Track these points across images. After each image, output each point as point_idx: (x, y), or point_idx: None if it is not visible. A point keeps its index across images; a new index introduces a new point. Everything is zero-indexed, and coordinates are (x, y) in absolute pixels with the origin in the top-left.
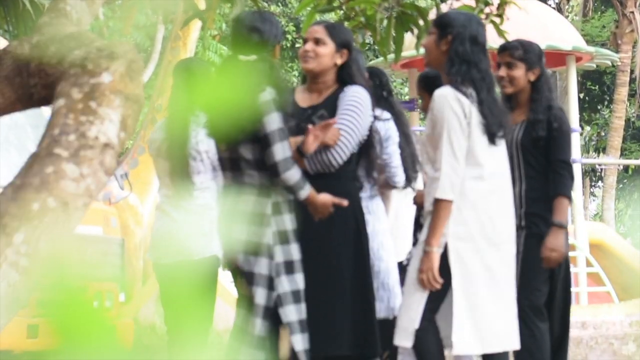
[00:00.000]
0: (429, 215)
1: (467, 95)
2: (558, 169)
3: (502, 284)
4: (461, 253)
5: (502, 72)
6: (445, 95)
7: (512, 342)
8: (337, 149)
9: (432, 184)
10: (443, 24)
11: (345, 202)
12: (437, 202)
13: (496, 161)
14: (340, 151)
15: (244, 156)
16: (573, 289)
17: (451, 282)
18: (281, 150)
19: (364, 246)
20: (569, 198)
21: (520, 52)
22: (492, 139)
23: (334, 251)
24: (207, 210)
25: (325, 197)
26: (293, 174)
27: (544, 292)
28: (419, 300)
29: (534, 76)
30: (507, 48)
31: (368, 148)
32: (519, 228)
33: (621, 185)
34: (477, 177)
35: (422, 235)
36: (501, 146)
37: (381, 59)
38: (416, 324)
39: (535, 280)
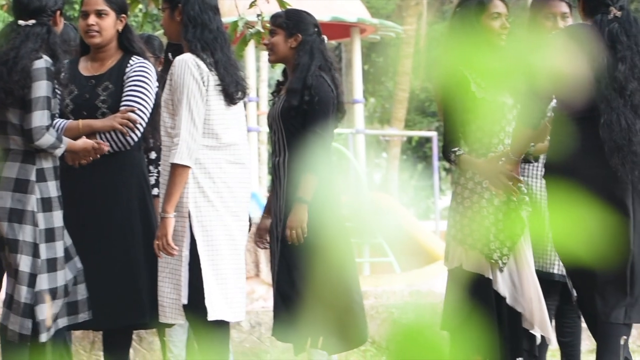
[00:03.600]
0: (163, 185)
1: (206, 62)
2: (309, 142)
3: (241, 255)
4: (203, 221)
5: (266, 40)
6: (185, 60)
7: (243, 313)
8: (133, 130)
9: (166, 151)
10: None
11: (106, 147)
12: (174, 167)
13: (234, 130)
14: (137, 131)
15: (11, 120)
16: (356, 260)
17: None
18: (39, 119)
19: (149, 214)
20: (316, 174)
21: (281, 19)
22: (231, 100)
23: (117, 219)
24: None
25: (85, 141)
26: (47, 139)
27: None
28: (184, 273)
29: (296, 43)
30: (272, 17)
31: (154, 117)
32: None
33: (405, 157)
34: (212, 146)
35: (159, 204)
36: (240, 110)
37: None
38: (184, 299)
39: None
